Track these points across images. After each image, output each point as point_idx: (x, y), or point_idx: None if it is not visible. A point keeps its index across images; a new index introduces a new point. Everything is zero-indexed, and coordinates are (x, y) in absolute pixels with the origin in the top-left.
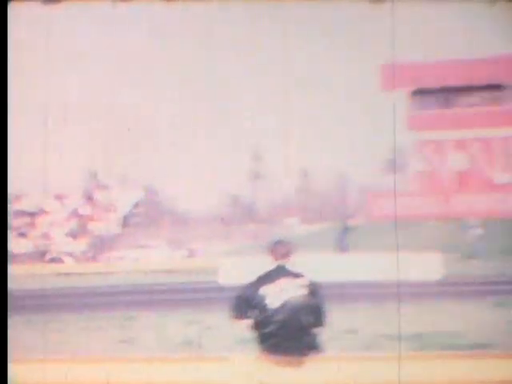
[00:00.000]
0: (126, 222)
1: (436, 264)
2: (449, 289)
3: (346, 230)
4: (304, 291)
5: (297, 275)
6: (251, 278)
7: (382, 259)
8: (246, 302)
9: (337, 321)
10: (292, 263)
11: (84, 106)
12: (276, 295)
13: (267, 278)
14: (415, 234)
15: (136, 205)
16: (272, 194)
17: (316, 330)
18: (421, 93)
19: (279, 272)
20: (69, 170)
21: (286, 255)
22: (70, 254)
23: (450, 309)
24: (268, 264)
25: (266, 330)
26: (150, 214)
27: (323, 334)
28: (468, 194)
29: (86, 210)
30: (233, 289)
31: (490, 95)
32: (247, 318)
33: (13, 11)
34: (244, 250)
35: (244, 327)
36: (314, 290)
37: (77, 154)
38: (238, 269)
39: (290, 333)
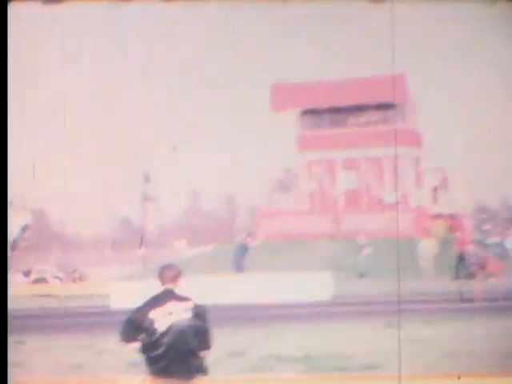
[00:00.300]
0: (14, 245)
1: (327, 283)
2: (339, 309)
3: (243, 249)
4: (189, 314)
5: (183, 298)
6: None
7: (274, 280)
8: (133, 326)
9: (224, 343)
10: (181, 287)
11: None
12: (164, 319)
13: (156, 301)
14: (307, 254)
15: (24, 228)
16: (162, 217)
17: (203, 353)
18: (311, 113)
19: (167, 296)
20: None
21: (175, 279)
22: None
23: (340, 329)
24: (158, 288)
25: (154, 353)
26: (38, 238)
27: (210, 357)
28: (358, 213)
29: None
30: (125, 313)
31: (381, 114)
32: (136, 341)
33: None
34: (135, 275)
35: (133, 350)
36: (199, 312)
37: None
38: (129, 293)
39: (176, 355)
